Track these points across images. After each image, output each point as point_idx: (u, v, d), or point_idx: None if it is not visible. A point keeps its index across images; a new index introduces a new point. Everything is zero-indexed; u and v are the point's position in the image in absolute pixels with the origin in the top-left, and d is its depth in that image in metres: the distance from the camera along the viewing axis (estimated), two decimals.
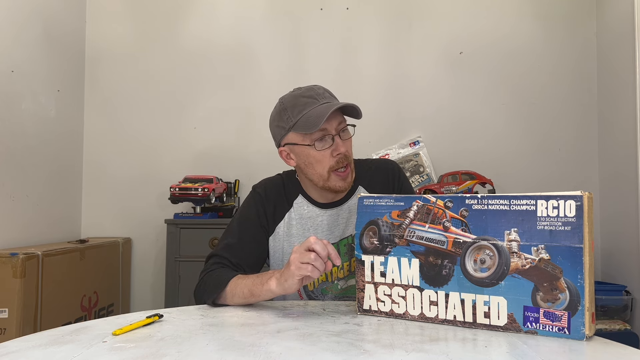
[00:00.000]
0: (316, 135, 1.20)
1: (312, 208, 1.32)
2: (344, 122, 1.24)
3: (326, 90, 1.27)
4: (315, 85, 1.26)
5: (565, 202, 0.85)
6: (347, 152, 1.23)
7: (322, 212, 1.32)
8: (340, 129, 1.23)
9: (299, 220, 1.32)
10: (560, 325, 0.84)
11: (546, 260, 0.85)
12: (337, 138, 1.21)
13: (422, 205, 0.99)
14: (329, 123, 1.20)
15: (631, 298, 2.26)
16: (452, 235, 0.94)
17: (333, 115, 1.20)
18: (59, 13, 2.53)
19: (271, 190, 1.34)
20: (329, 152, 1.22)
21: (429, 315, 0.96)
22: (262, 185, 1.36)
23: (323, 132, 1.20)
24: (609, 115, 2.53)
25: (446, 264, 0.94)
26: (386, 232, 1.02)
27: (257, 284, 1.10)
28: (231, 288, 1.14)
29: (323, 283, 1.30)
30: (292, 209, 1.33)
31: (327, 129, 1.21)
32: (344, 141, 1.23)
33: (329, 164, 1.22)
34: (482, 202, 0.92)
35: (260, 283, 1.09)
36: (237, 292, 1.13)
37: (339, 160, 1.22)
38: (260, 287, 1.09)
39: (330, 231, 1.31)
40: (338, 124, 1.22)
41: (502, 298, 0.88)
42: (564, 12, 2.68)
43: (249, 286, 1.11)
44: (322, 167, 1.23)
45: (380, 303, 1.02)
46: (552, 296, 0.85)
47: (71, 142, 2.66)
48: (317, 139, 1.21)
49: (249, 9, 2.78)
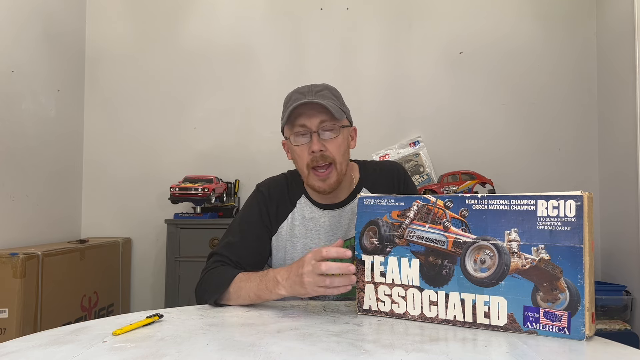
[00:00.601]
0: (297, 129, 1.23)
1: (314, 209, 1.32)
2: (328, 121, 1.22)
3: (327, 89, 1.26)
4: (318, 84, 1.27)
5: (565, 202, 0.85)
6: (325, 151, 1.21)
7: (324, 214, 1.31)
8: (322, 128, 1.22)
9: (301, 221, 1.32)
10: (561, 325, 0.84)
11: (546, 260, 0.85)
12: (314, 136, 1.21)
13: (422, 205, 0.99)
14: (309, 120, 1.21)
15: (631, 298, 2.26)
16: (452, 235, 0.94)
17: (314, 114, 1.21)
18: (59, 13, 2.54)
19: (275, 189, 1.34)
20: (306, 147, 1.23)
21: (429, 315, 0.96)
22: (266, 185, 1.36)
23: (303, 128, 1.22)
24: (609, 115, 2.53)
25: (446, 264, 0.94)
26: (386, 232, 1.02)
27: (264, 290, 1.10)
28: (235, 289, 1.14)
29: None
30: (296, 209, 1.33)
31: (307, 126, 1.22)
32: (325, 140, 1.22)
33: (306, 160, 1.23)
34: (482, 202, 0.92)
35: (267, 289, 1.09)
36: (242, 294, 1.13)
37: (314, 158, 1.22)
38: (268, 293, 1.09)
39: (332, 232, 1.31)
40: (320, 122, 1.21)
41: (502, 298, 0.88)
42: (564, 12, 2.68)
43: (254, 290, 1.11)
44: (301, 162, 1.25)
45: (380, 303, 1.02)
46: (552, 296, 0.85)
47: (71, 142, 2.66)
48: (296, 133, 1.23)
49: (249, 9, 2.78)
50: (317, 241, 1.30)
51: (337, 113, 1.21)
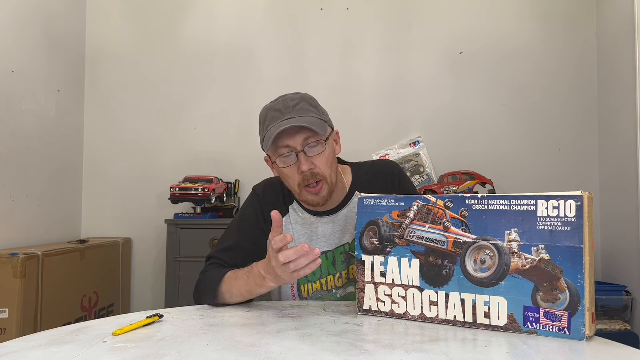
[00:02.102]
0: (281, 151, 1.18)
1: (307, 215, 1.31)
2: (312, 137, 1.17)
3: (303, 100, 1.21)
4: (289, 95, 1.21)
5: (566, 202, 0.85)
6: (314, 168, 1.18)
7: (316, 220, 1.30)
8: (307, 144, 1.17)
9: (294, 225, 1.31)
10: (561, 325, 0.84)
11: (546, 260, 0.85)
12: (301, 155, 1.17)
13: (422, 205, 0.99)
14: (292, 139, 1.16)
15: (631, 298, 2.26)
16: (452, 235, 0.94)
17: (297, 131, 1.15)
18: (59, 13, 2.54)
19: (269, 191, 1.34)
20: (294, 167, 1.19)
21: (429, 315, 0.96)
22: (261, 186, 1.36)
23: (288, 148, 1.17)
24: (609, 115, 2.53)
25: (446, 264, 0.94)
26: (386, 232, 1.02)
27: (253, 285, 1.10)
28: (226, 289, 1.14)
29: (318, 291, 1.28)
30: (289, 213, 1.32)
31: (291, 145, 1.17)
32: (313, 157, 1.18)
33: (297, 180, 1.20)
34: (482, 202, 0.92)
35: (256, 284, 1.09)
36: (234, 292, 1.14)
37: (304, 177, 1.18)
38: (259, 287, 1.10)
39: (325, 238, 1.29)
40: (304, 140, 1.17)
41: (502, 298, 0.88)
42: (564, 12, 2.68)
43: (244, 287, 1.12)
44: (292, 182, 1.21)
45: (380, 303, 1.02)
46: (552, 296, 0.85)
47: (71, 142, 2.66)
48: (281, 154, 1.19)
49: (248, 10, 2.78)
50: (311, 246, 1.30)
51: (320, 128, 1.17)
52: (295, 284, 1.30)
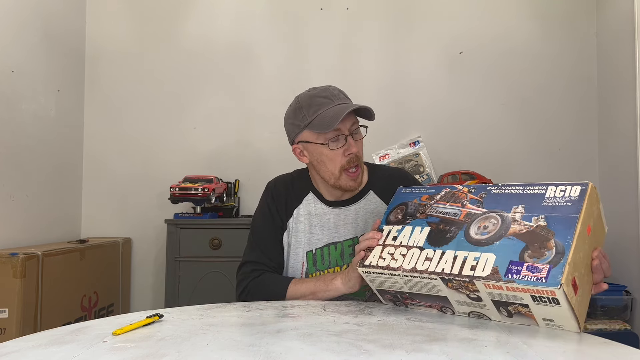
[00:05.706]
0: (330, 134, 1.25)
1: (321, 205, 1.37)
2: (356, 123, 1.28)
3: (341, 92, 1.31)
4: (331, 86, 1.31)
5: (572, 187, 0.93)
6: (358, 152, 1.28)
7: (329, 210, 1.36)
8: (353, 130, 1.27)
9: (306, 217, 1.36)
10: (540, 275, 0.84)
11: (542, 226, 0.90)
12: (349, 138, 1.26)
13: (449, 191, 1.08)
14: (342, 124, 1.25)
15: (631, 298, 2.26)
16: (466, 209, 1.02)
17: (347, 117, 1.24)
18: (59, 13, 2.54)
19: (281, 186, 1.40)
20: (341, 151, 1.27)
21: (420, 269, 0.98)
22: (273, 182, 1.44)
23: (337, 132, 1.25)
24: (609, 115, 2.53)
25: (453, 229, 1.00)
26: (412, 210, 1.10)
27: (321, 285, 1.21)
28: (290, 294, 1.24)
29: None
30: (301, 205, 1.37)
31: (341, 129, 1.25)
32: (356, 142, 1.28)
33: (340, 163, 1.27)
34: (501, 189, 1.01)
35: (324, 283, 1.20)
36: (297, 295, 1.23)
37: (350, 159, 1.27)
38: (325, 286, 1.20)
39: (335, 229, 1.34)
40: (351, 125, 1.27)
41: (492, 254, 0.91)
42: (564, 11, 2.68)
43: (311, 288, 1.22)
44: (334, 165, 1.28)
45: (381, 260, 1.05)
46: (539, 254, 0.87)
47: (71, 142, 2.66)
48: (330, 138, 1.26)
49: (249, 9, 2.78)
50: (321, 237, 1.35)
51: (372, 116, 1.27)
52: (304, 273, 1.34)
